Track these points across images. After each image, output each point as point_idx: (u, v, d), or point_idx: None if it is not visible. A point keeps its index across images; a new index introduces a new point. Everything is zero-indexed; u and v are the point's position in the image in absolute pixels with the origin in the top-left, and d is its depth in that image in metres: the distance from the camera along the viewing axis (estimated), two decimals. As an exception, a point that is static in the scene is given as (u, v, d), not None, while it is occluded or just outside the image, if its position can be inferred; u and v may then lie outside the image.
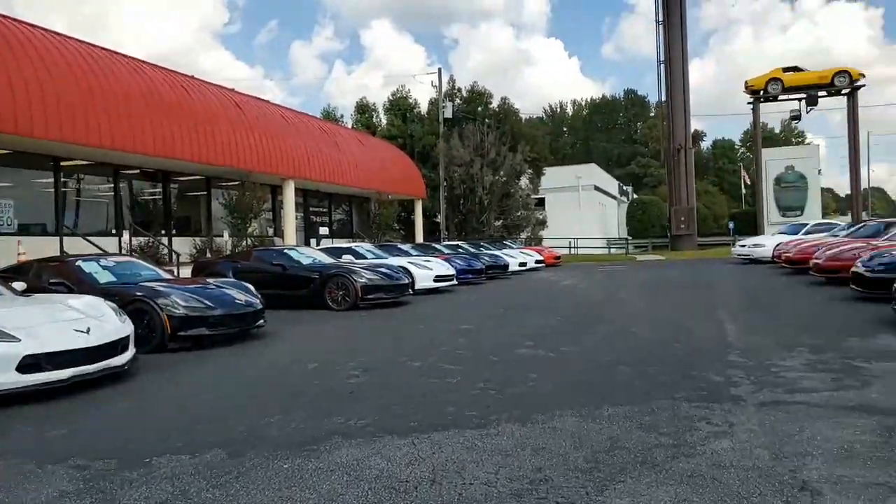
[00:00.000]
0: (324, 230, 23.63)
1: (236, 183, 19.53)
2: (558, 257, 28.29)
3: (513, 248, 25.48)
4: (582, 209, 43.21)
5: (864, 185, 71.08)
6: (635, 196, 54.88)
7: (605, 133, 75.87)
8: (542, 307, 12.21)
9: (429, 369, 6.52)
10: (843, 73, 35.67)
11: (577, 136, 79.71)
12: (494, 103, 36.33)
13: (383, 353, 7.59)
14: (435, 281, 14.74)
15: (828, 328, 8.14)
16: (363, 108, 37.07)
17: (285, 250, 13.47)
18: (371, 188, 25.80)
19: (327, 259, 13.16)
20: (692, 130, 68.55)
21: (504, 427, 4.42)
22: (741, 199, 59.47)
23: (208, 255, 17.22)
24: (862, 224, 18.74)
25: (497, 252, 22.26)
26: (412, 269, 14.26)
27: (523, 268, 22.78)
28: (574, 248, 36.43)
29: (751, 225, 36.60)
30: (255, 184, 19.16)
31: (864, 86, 36.12)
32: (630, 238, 43.18)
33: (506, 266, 20.84)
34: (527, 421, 4.54)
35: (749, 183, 46.17)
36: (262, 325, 8.87)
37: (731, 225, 41.16)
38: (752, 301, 11.95)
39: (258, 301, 8.92)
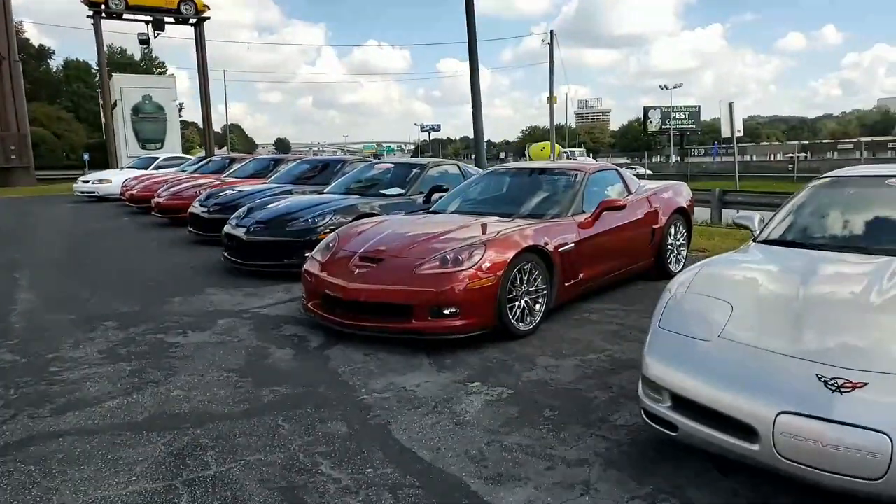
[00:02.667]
0: None
1: None
2: None
3: None
4: None
5: (224, 121, 77.27)
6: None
7: None
8: None
9: None
10: (188, 1, 36.01)
11: None
12: None
13: None
14: None
15: (153, 286, 7.01)
16: None
17: None
18: None
19: None
20: (35, 44, 60.33)
21: None
22: (102, 128, 55.77)
23: None
24: (209, 159, 18.80)
25: None
26: None
27: None
28: None
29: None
30: None
31: (209, 18, 37.26)
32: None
33: None
34: None
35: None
36: None
37: (86, 157, 38.06)
38: (72, 254, 9.91)
39: None
